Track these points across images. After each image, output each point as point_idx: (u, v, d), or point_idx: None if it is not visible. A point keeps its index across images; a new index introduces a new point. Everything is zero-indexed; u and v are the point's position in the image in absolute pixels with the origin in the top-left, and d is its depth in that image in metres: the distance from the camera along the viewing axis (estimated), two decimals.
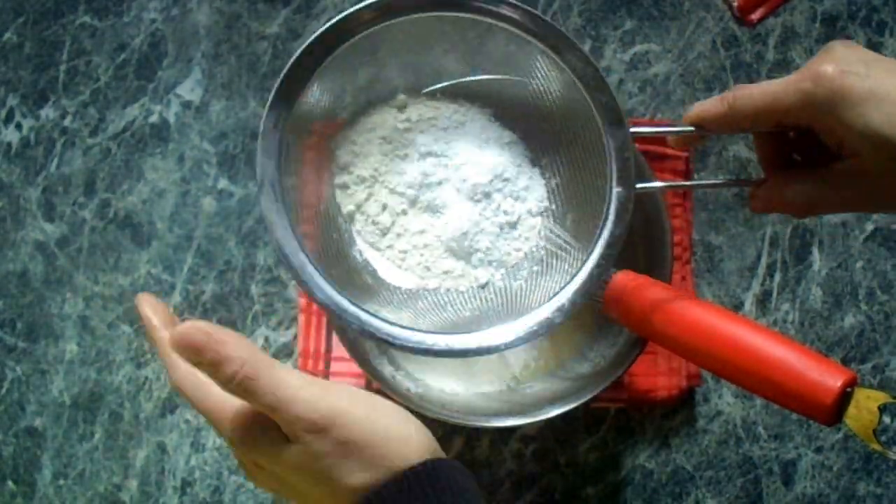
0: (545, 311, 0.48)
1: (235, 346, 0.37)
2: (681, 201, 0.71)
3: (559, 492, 0.70)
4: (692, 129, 0.47)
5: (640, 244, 0.61)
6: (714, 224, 0.73)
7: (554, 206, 0.55)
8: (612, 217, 0.47)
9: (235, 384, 0.37)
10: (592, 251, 0.47)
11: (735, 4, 0.75)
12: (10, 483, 0.70)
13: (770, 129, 0.45)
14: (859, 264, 0.73)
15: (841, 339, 0.72)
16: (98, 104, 0.74)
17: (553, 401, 0.59)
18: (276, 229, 0.47)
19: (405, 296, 0.53)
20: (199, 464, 0.70)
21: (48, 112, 0.74)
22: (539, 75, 0.51)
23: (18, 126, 0.74)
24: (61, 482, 0.70)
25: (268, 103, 0.47)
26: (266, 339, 0.71)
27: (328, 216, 0.53)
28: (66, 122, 0.74)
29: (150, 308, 0.44)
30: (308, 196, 0.52)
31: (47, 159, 0.73)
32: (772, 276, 0.73)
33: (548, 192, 0.55)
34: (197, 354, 0.37)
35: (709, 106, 0.46)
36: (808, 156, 0.46)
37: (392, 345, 0.47)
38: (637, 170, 0.55)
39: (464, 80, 0.54)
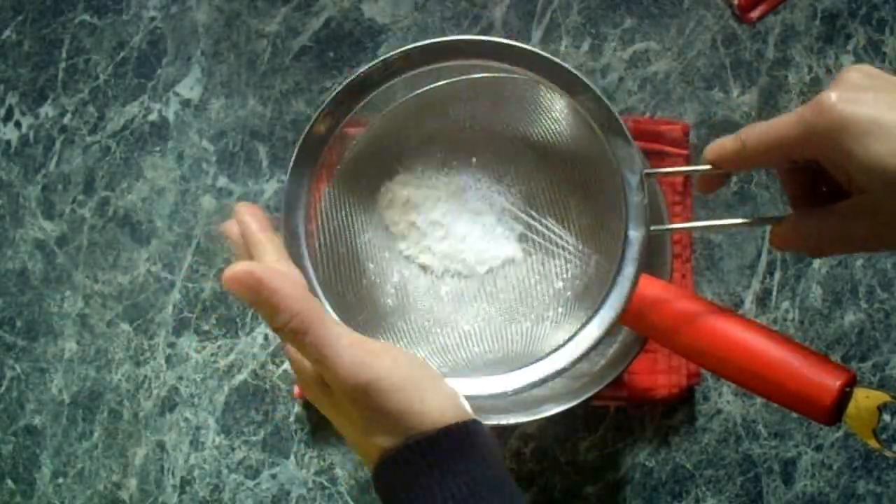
0: (557, 361, 0.48)
1: (287, 296, 0.37)
2: (681, 200, 0.71)
3: (559, 490, 0.70)
4: (709, 168, 0.45)
5: None
6: None
7: (581, 247, 0.55)
8: (627, 260, 0.47)
9: (284, 334, 0.38)
10: (606, 297, 0.47)
11: (735, 2, 0.75)
12: (9, 481, 0.70)
13: (784, 164, 0.43)
14: (859, 262, 0.73)
15: (841, 338, 0.72)
16: (97, 102, 0.74)
17: (553, 399, 0.59)
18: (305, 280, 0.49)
19: (428, 326, 0.54)
20: (199, 462, 0.70)
21: (47, 110, 0.74)
22: (557, 118, 0.52)
23: (18, 124, 0.74)
24: (60, 481, 0.70)
25: (290, 164, 0.49)
26: (265, 337, 0.71)
27: (351, 256, 0.55)
28: (66, 120, 0.74)
29: (250, 214, 0.44)
30: (333, 242, 0.53)
31: (46, 157, 0.73)
32: (772, 274, 0.73)
33: (578, 232, 0.55)
34: (248, 300, 0.37)
35: (724, 143, 0.44)
36: (835, 191, 0.43)
37: None
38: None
39: (471, 76, 0.54)
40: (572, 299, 0.53)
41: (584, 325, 0.47)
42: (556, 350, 0.47)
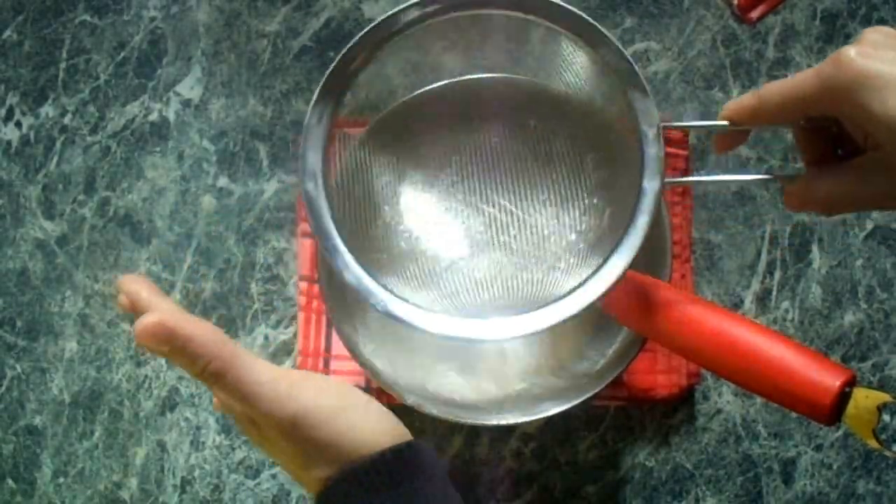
0: (566, 307, 0.48)
1: (201, 342, 0.37)
2: (680, 199, 0.71)
3: (559, 490, 0.70)
4: (725, 124, 0.45)
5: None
6: (714, 222, 0.73)
7: (596, 200, 0.55)
8: (640, 211, 0.47)
9: (204, 378, 0.37)
10: (618, 245, 0.47)
11: (735, 2, 0.75)
12: (9, 481, 0.70)
13: (800, 120, 0.43)
14: (859, 262, 0.73)
15: (841, 338, 0.72)
16: (98, 102, 0.74)
17: (553, 399, 0.59)
18: (319, 215, 0.48)
19: (439, 271, 0.54)
20: (199, 462, 0.70)
21: (48, 110, 0.74)
22: (577, 70, 0.52)
23: (18, 124, 0.74)
24: (61, 480, 0.70)
25: (312, 100, 0.48)
26: (266, 337, 0.71)
27: (367, 197, 0.54)
28: (66, 120, 0.74)
29: (136, 283, 0.41)
30: (349, 182, 0.53)
31: (47, 157, 0.73)
32: (771, 274, 0.73)
33: (593, 185, 0.55)
34: (163, 351, 0.37)
35: (741, 100, 0.44)
36: (851, 152, 0.43)
37: (415, 328, 0.47)
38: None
39: (498, 75, 0.55)
40: (585, 250, 0.53)
41: (594, 273, 0.47)
42: (565, 296, 0.47)
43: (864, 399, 0.41)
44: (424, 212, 0.56)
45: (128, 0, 0.75)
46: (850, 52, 0.38)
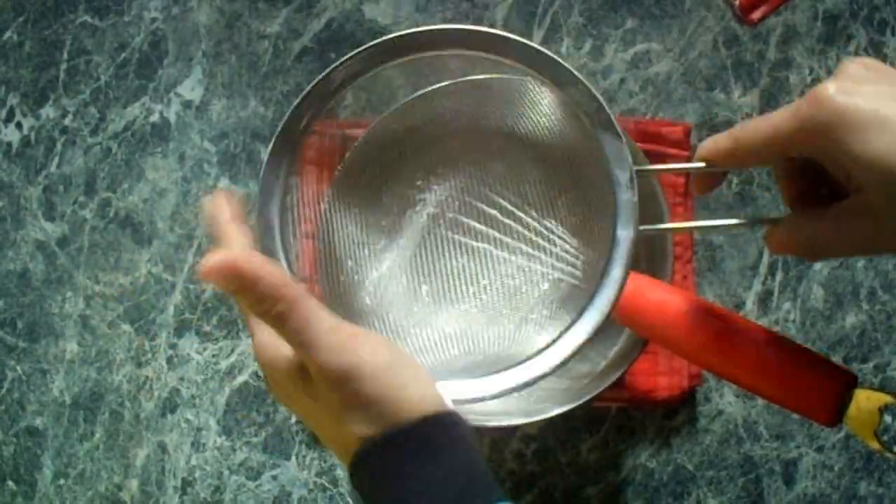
0: (537, 366, 0.46)
1: (269, 283, 0.36)
2: (682, 201, 0.71)
3: (560, 491, 0.70)
4: (702, 165, 0.43)
5: (641, 244, 0.61)
6: None
7: (568, 248, 0.54)
8: (614, 262, 0.44)
9: (266, 320, 0.37)
10: (591, 301, 0.45)
11: (736, 3, 0.75)
12: (10, 483, 0.70)
13: (780, 162, 0.41)
14: (861, 263, 0.73)
15: (842, 339, 0.72)
16: (99, 103, 0.74)
17: (554, 400, 0.59)
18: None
19: (406, 326, 0.53)
20: (200, 463, 0.70)
21: (48, 111, 0.74)
22: (546, 112, 0.51)
23: (19, 125, 0.74)
24: (62, 482, 0.70)
25: (267, 153, 0.48)
26: None
27: (328, 251, 0.54)
28: (67, 121, 0.74)
29: (221, 203, 0.44)
30: (309, 237, 0.52)
31: (48, 159, 0.73)
32: (773, 276, 0.73)
33: (566, 231, 0.54)
34: (230, 289, 0.36)
35: (717, 141, 0.42)
36: (835, 193, 0.40)
37: None
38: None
39: (468, 78, 0.54)
40: (558, 302, 0.52)
41: (566, 330, 0.45)
42: (536, 354, 0.46)
43: (866, 400, 0.41)
44: (389, 263, 0.55)
45: (128, 1, 0.75)
46: (829, 88, 0.36)
